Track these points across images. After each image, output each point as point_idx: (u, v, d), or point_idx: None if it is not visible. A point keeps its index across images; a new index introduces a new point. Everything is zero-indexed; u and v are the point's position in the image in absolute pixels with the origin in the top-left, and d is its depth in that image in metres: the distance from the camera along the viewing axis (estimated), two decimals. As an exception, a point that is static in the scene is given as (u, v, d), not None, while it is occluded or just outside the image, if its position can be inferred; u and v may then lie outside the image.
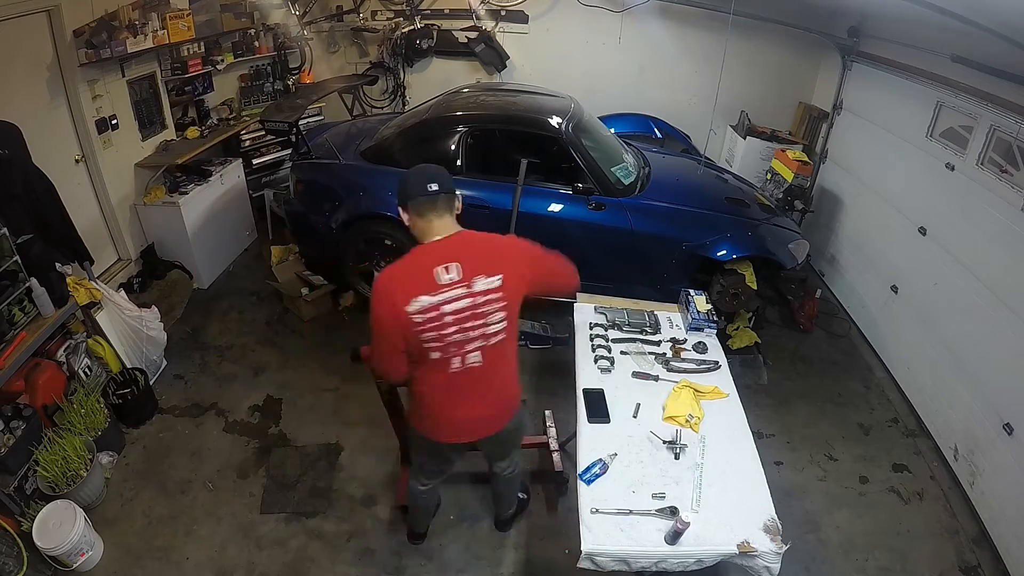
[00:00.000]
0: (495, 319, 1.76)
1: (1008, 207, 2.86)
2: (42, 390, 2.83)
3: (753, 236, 3.70)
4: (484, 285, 1.71)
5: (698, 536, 1.76)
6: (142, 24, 3.71)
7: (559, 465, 2.88)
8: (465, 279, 1.70)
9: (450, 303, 1.69)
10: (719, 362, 2.47)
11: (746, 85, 5.12)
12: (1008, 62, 2.78)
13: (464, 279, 1.70)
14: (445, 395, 1.89)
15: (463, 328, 1.74)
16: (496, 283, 1.72)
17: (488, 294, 1.72)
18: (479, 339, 1.78)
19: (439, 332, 1.72)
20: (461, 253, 1.73)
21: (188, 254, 4.26)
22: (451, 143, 3.69)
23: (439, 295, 1.68)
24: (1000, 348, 2.86)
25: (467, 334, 1.75)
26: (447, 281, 1.69)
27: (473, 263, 1.71)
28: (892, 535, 2.80)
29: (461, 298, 1.70)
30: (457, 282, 1.69)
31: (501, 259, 1.77)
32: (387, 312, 1.70)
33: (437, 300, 1.68)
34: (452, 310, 1.70)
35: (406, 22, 5.44)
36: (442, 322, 1.70)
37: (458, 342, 1.76)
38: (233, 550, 2.62)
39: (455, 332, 1.73)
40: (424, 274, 1.69)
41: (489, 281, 1.72)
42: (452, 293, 1.69)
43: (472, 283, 1.70)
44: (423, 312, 1.68)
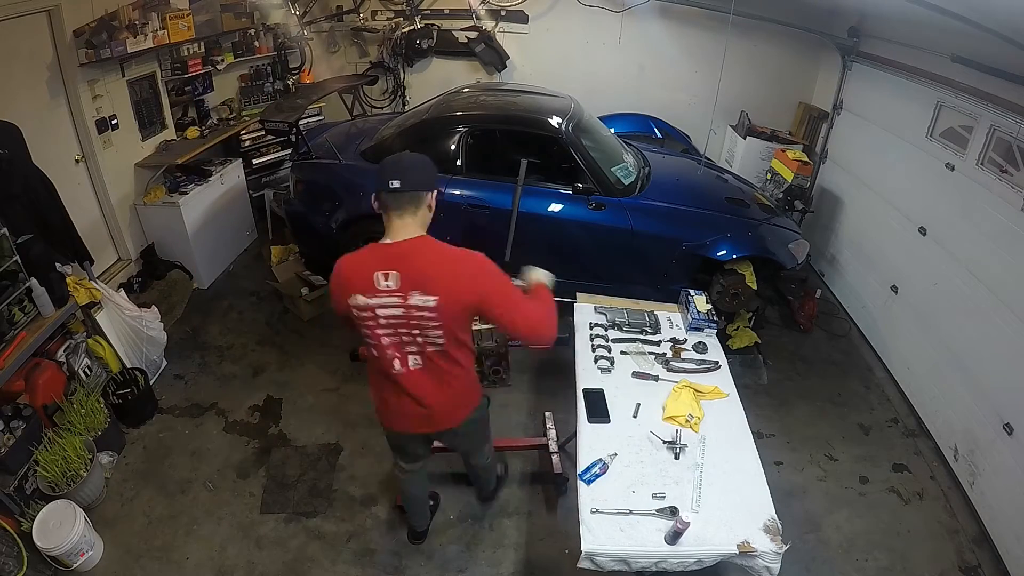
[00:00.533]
0: (431, 334, 1.75)
1: (1008, 207, 2.86)
2: (42, 390, 2.83)
3: (753, 236, 3.70)
4: (419, 301, 1.68)
5: (698, 536, 1.76)
6: (142, 24, 3.71)
7: (558, 467, 2.88)
8: (401, 290, 1.68)
9: (384, 308, 1.71)
10: (719, 362, 2.47)
11: (746, 85, 5.12)
12: (1008, 62, 2.78)
13: (400, 290, 1.68)
14: (390, 388, 1.91)
15: (398, 333, 1.75)
16: (431, 303, 1.68)
17: (422, 311, 1.69)
18: (416, 346, 1.78)
19: (373, 331, 1.76)
20: (405, 263, 1.68)
21: (188, 254, 4.26)
22: (451, 143, 3.69)
23: (374, 299, 1.70)
24: (1000, 348, 2.86)
25: (402, 339, 1.76)
26: (384, 288, 1.68)
27: (413, 276, 1.67)
28: (892, 535, 2.80)
29: (395, 307, 1.70)
30: (393, 291, 1.68)
31: (443, 280, 1.68)
32: (334, 293, 1.79)
33: (372, 303, 1.70)
34: (385, 315, 1.71)
35: (406, 22, 5.44)
36: (376, 323, 1.73)
37: (394, 344, 1.78)
38: (233, 550, 2.62)
39: (390, 335, 1.76)
40: (366, 275, 1.70)
41: (424, 299, 1.68)
42: (387, 300, 1.69)
43: (407, 296, 1.68)
44: (359, 309, 1.72)
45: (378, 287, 1.68)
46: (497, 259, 3.77)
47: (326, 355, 3.75)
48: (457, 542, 2.68)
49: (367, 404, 3.22)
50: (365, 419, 3.23)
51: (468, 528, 2.74)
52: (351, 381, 3.51)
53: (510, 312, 1.75)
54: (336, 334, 3.95)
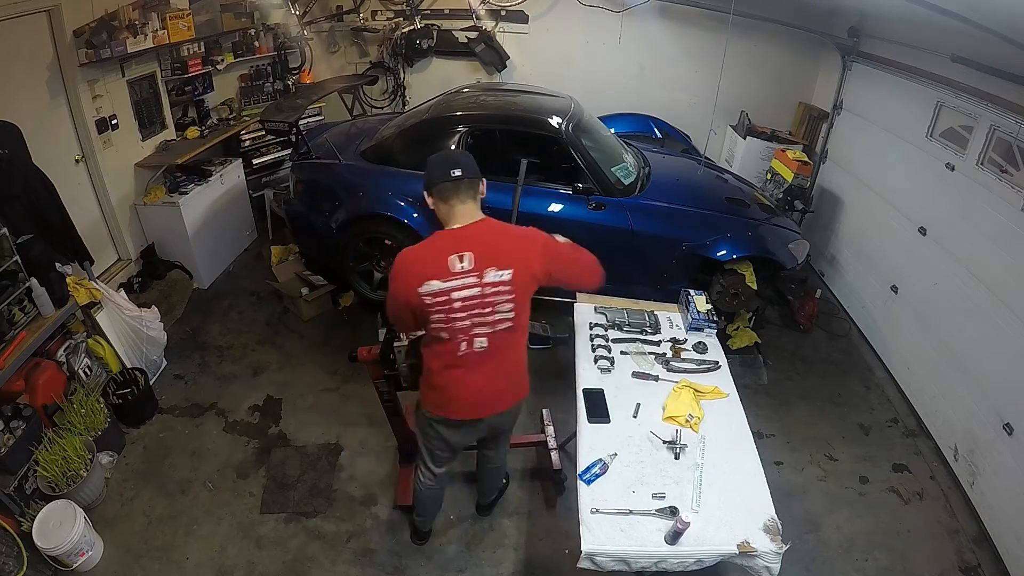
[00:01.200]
0: (503, 309, 1.82)
1: (1008, 207, 2.86)
2: (42, 390, 2.83)
3: (753, 236, 3.70)
4: (494, 277, 1.76)
5: (698, 536, 1.76)
6: (142, 24, 3.71)
7: (557, 464, 2.88)
8: (477, 269, 1.75)
9: (460, 291, 1.76)
10: (719, 362, 2.47)
11: (746, 85, 5.12)
12: (1008, 62, 2.78)
13: (476, 269, 1.75)
14: (453, 372, 1.94)
15: (471, 315, 1.80)
16: (506, 276, 1.77)
17: (498, 286, 1.77)
18: (485, 326, 1.83)
19: (447, 315, 1.79)
20: (477, 243, 1.77)
21: (188, 254, 4.26)
22: (451, 143, 3.68)
23: (450, 282, 1.75)
24: (1000, 348, 2.86)
25: (473, 320, 1.81)
26: (459, 270, 1.75)
27: (487, 254, 1.76)
28: (892, 535, 2.80)
29: (471, 287, 1.76)
30: (469, 271, 1.75)
31: (515, 253, 1.81)
32: (400, 289, 1.80)
33: (448, 286, 1.75)
34: (461, 297, 1.76)
35: (406, 22, 5.44)
36: (451, 307, 1.77)
37: (465, 328, 1.82)
38: (233, 550, 2.62)
39: (462, 318, 1.80)
40: (439, 260, 1.76)
41: (500, 274, 1.76)
42: (463, 281, 1.75)
43: (483, 274, 1.76)
44: (433, 295, 1.75)
45: (453, 269, 1.75)
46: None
47: (326, 355, 3.75)
48: (457, 542, 2.68)
49: (367, 404, 3.24)
50: (365, 419, 3.24)
51: (468, 528, 2.73)
52: (351, 381, 3.51)
53: (576, 268, 2.00)
54: (336, 334, 3.95)
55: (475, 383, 1.96)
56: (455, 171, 1.78)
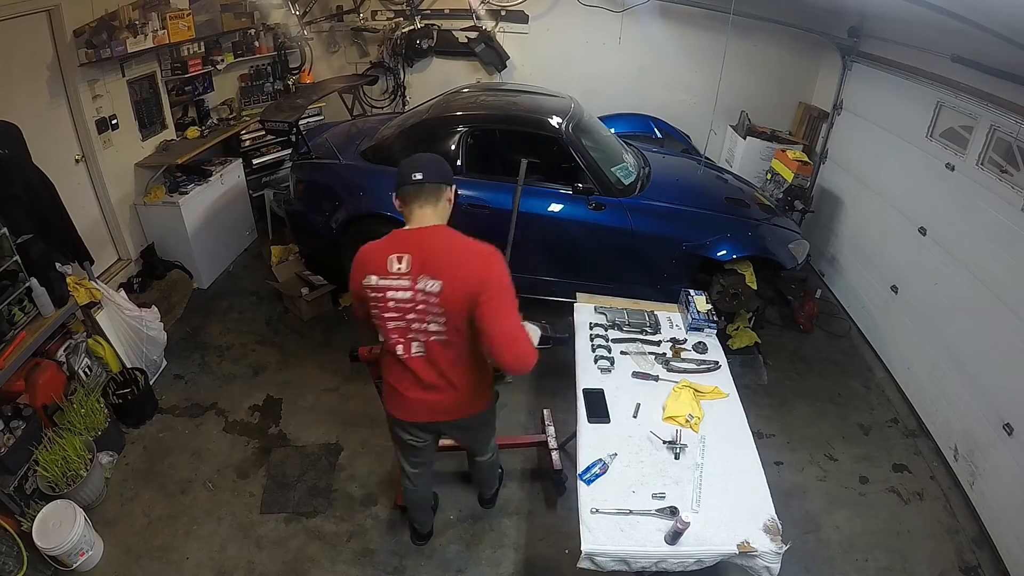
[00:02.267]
0: (433, 321, 1.78)
1: (1008, 207, 2.86)
2: (42, 390, 2.83)
3: (753, 236, 3.70)
4: (424, 285, 1.73)
5: (698, 536, 1.76)
6: (142, 24, 3.71)
7: (558, 464, 2.88)
8: (411, 273, 1.74)
9: (394, 291, 1.76)
10: (719, 362, 2.47)
11: (746, 85, 5.12)
12: (1008, 62, 2.78)
13: (410, 272, 1.74)
14: (398, 373, 1.94)
15: (404, 318, 1.79)
16: (435, 288, 1.71)
17: (428, 296, 1.73)
18: (420, 333, 1.81)
19: (381, 313, 1.80)
20: (418, 248, 1.75)
21: (188, 254, 4.26)
22: (451, 143, 3.68)
23: (385, 280, 1.76)
24: (1000, 348, 2.86)
25: (409, 325, 1.80)
26: (395, 270, 1.75)
27: (423, 261, 1.73)
28: (892, 535, 2.80)
29: (404, 289, 1.75)
30: (404, 274, 1.74)
31: (450, 268, 1.71)
32: (351, 277, 1.85)
33: (383, 284, 1.76)
34: (394, 299, 1.77)
35: (406, 22, 5.44)
36: (385, 305, 1.79)
37: (399, 329, 1.81)
38: (233, 550, 2.62)
39: (396, 318, 1.80)
40: (381, 257, 1.77)
41: (430, 284, 1.72)
42: (397, 282, 1.75)
43: (416, 280, 1.73)
44: (372, 289, 1.78)
45: (390, 269, 1.75)
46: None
47: (326, 355, 3.75)
48: (457, 542, 2.68)
49: (367, 404, 3.25)
50: (365, 419, 3.24)
51: (468, 528, 2.74)
52: (351, 381, 3.51)
53: (499, 317, 1.70)
54: (336, 334, 3.95)
55: (414, 386, 1.93)
56: (416, 175, 1.75)
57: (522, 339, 1.73)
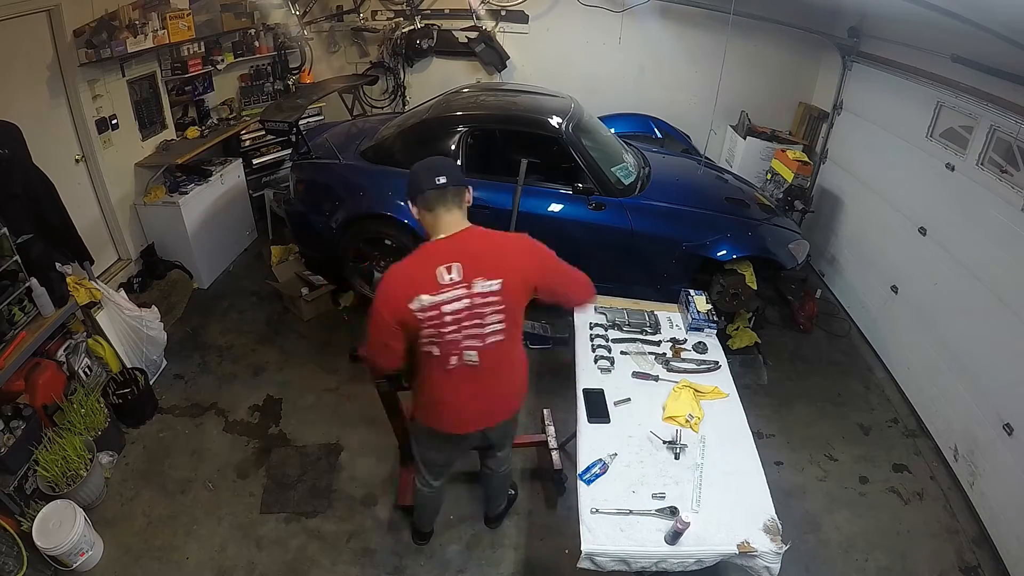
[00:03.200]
0: (492, 320, 1.76)
1: (1008, 207, 2.86)
2: (42, 390, 2.83)
3: (753, 236, 3.70)
4: (483, 287, 1.70)
5: (698, 536, 1.76)
6: (142, 24, 3.71)
7: (558, 464, 2.88)
8: (465, 280, 1.69)
9: (449, 303, 1.70)
10: (719, 362, 2.47)
11: (746, 85, 5.12)
12: (1008, 62, 2.78)
13: (464, 280, 1.69)
14: (444, 387, 1.90)
15: (461, 327, 1.74)
16: (495, 287, 1.71)
17: (486, 296, 1.71)
18: (476, 339, 1.78)
19: (438, 330, 1.73)
20: (464, 253, 1.71)
21: (188, 254, 4.26)
22: (451, 143, 3.69)
23: (439, 295, 1.68)
24: (1000, 348, 2.86)
25: (464, 332, 1.75)
26: (448, 282, 1.68)
27: (474, 264, 1.70)
28: (892, 535, 2.81)
29: (460, 299, 1.70)
30: (457, 283, 1.69)
31: (504, 263, 1.74)
32: (387, 307, 1.71)
33: (437, 300, 1.69)
34: (451, 310, 1.70)
35: (406, 22, 5.44)
36: (441, 321, 1.71)
37: (455, 341, 1.76)
38: (233, 550, 2.62)
39: (453, 331, 1.74)
40: (427, 273, 1.69)
41: (488, 284, 1.70)
42: (452, 294, 1.69)
43: (471, 284, 1.70)
44: (423, 311, 1.69)
45: (442, 282, 1.68)
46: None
47: (326, 355, 3.75)
48: (457, 542, 2.68)
49: (367, 404, 3.24)
50: (365, 419, 3.23)
51: (468, 528, 2.73)
52: (351, 381, 3.51)
53: (567, 279, 1.90)
54: (336, 334, 3.95)
55: (464, 397, 1.92)
56: (440, 178, 1.71)
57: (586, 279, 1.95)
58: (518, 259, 1.77)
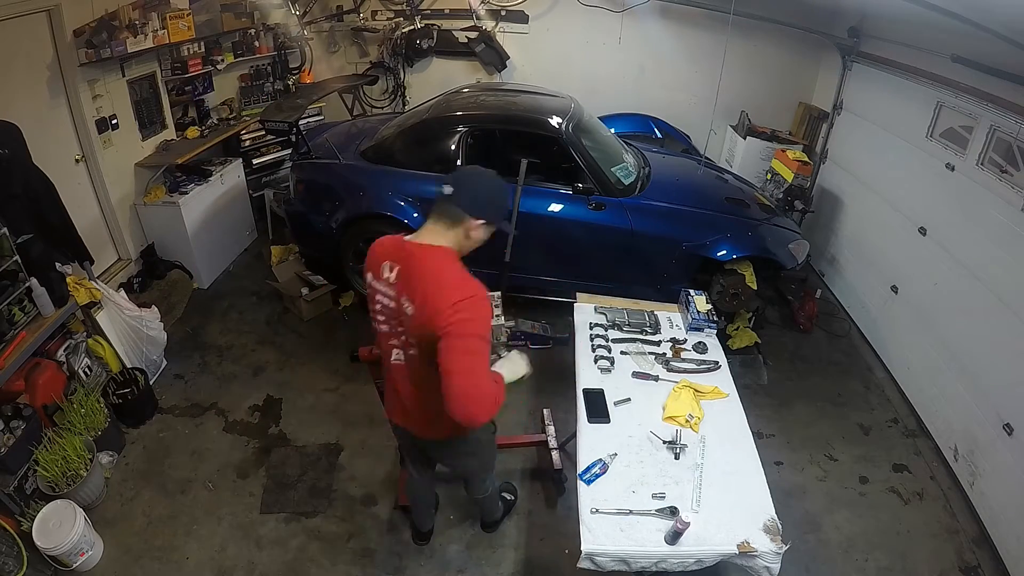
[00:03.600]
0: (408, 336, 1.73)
1: (1008, 207, 2.86)
2: (42, 390, 2.83)
3: (753, 236, 3.70)
4: (404, 303, 1.68)
5: (698, 536, 1.76)
6: (142, 24, 3.71)
7: (558, 463, 2.88)
8: (397, 286, 1.70)
9: (382, 296, 1.77)
10: (719, 362, 2.47)
11: (746, 85, 5.12)
12: (1008, 62, 2.78)
13: (396, 285, 1.71)
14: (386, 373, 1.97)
15: (389, 323, 1.80)
16: (409, 310, 1.66)
17: (403, 314, 1.70)
18: (398, 344, 1.81)
19: (375, 315, 1.83)
20: (406, 264, 1.68)
21: (188, 254, 4.26)
22: (451, 143, 3.69)
23: (378, 284, 1.78)
24: (1000, 348, 2.86)
25: (391, 330, 1.80)
26: (385, 277, 1.74)
27: (407, 279, 1.67)
28: (892, 535, 2.81)
29: (390, 299, 1.75)
30: (392, 283, 1.73)
31: (424, 297, 1.61)
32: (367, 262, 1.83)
33: (376, 287, 1.78)
34: (382, 303, 1.78)
35: (406, 22, 5.44)
36: (375, 306, 1.81)
37: (385, 333, 1.83)
38: (233, 550, 2.62)
39: (382, 322, 1.82)
40: (379, 261, 1.77)
41: (407, 304, 1.67)
42: (386, 290, 1.75)
43: (400, 295, 1.69)
44: (369, 287, 1.81)
45: (382, 275, 1.75)
46: (497, 259, 3.80)
47: (326, 355, 3.75)
48: (457, 542, 2.68)
49: (367, 404, 3.25)
50: (365, 419, 3.24)
51: (468, 528, 2.73)
52: (351, 381, 3.51)
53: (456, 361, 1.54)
54: (336, 334, 3.95)
55: (393, 390, 1.96)
56: (447, 188, 1.67)
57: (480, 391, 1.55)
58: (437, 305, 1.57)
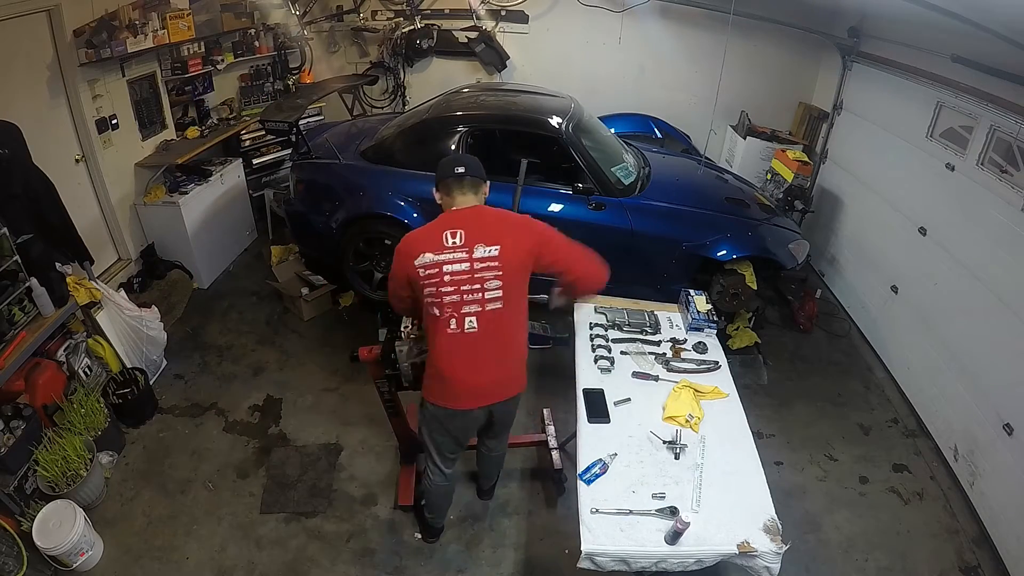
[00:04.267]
0: (491, 286, 1.91)
1: (1008, 207, 2.86)
2: (42, 390, 2.83)
3: (753, 236, 3.70)
4: (482, 252, 1.89)
5: (698, 536, 1.76)
6: (142, 24, 3.71)
7: (558, 463, 2.88)
8: (467, 244, 1.90)
9: (450, 264, 1.90)
10: (719, 362, 2.47)
11: (746, 85, 5.12)
12: (1008, 62, 2.78)
13: (466, 244, 1.90)
14: (449, 358, 2.00)
15: (459, 290, 1.91)
16: (494, 252, 1.89)
17: (485, 261, 1.89)
18: (475, 304, 1.92)
19: (437, 288, 1.91)
20: (469, 222, 1.93)
21: (188, 254, 4.26)
22: (451, 143, 3.68)
23: (442, 255, 1.90)
24: (1000, 348, 2.86)
25: (463, 296, 1.91)
26: (450, 244, 1.90)
27: (477, 232, 1.92)
28: (892, 535, 2.81)
29: (461, 261, 1.90)
30: (459, 247, 1.90)
31: (504, 232, 1.94)
32: (400, 262, 1.97)
33: (440, 259, 1.90)
34: (451, 271, 1.90)
35: (406, 22, 5.44)
36: (441, 279, 1.90)
37: (455, 303, 1.92)
38: (233, 550, 2.62)
39: (451, 292, 1.91)
40: (434, 236, 1.93)
41: (488, 249, 1.89)
42: (453, 255, 1.90)
43: (472, 249, 1.90)
44: (425, 267, 1.91)
45: (446, 244, 1.90)
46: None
47: (326, 355, 3.75)
48: (457, 542, 2.68)
49: (367, 404, 3.24)
50: (365, 419, 3.24)
51: (468, 528, 2.74)
52: (351, 381, 3.51)
53: (568, 253, 2.03)
54: (336, 334, 3.95)
55: (469, 369, 2.00)
56: (459, 168, 1.98)
57: (594, 257, 2.09)
58: (517, 230, 1.97)
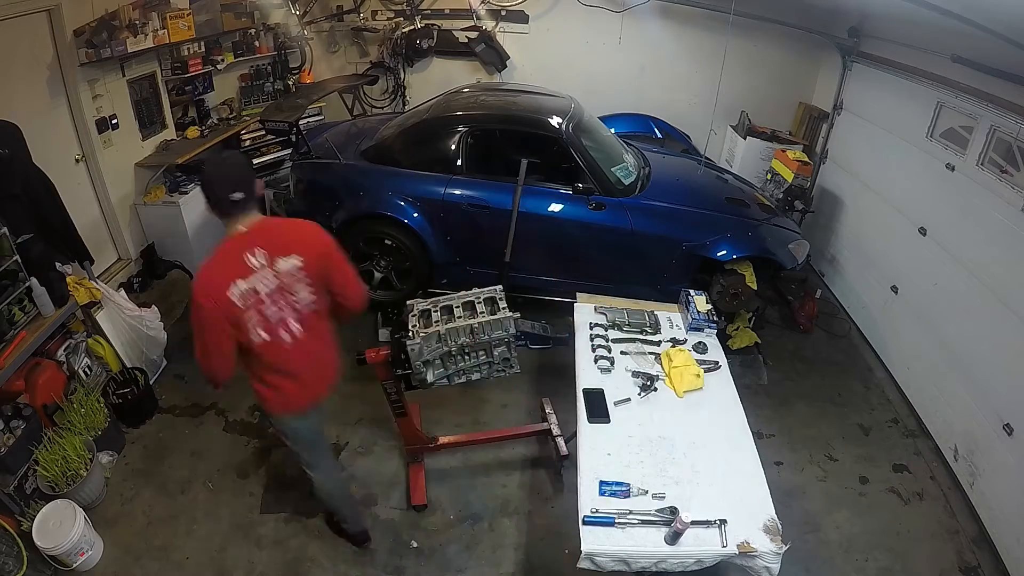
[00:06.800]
0: (303, 292, 1.95)
1: (1008, 207, 2.86)
2: (42, 390, 2.83)
3: (753, 236, 3.70)
4: (285, 265, 1.89)
5: (698, 536, 1.76)
6: (142, 24, 3.71)
7: (564, 450, 2.90)
8: (269, 262, 1.88)
9: (262, 283, 1.87)
10: (719, 362, 2.47)
11: (746, 85, 5.12)
12: (1008, 62, 2.78)
13: (268, 263, 1.88)
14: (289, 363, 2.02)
15: (277, 304, 1.92)
16: (297, 263, 1.91)
17: (292, 272, 1.91)
18: (294, 312, 1.95)
19: (259, 310, 1.88)
20: (263, 240, 1.89)
21: (188, 254, 4.25)
22: (451, 143, 3.69)
23: (251, 278, 1.85)
24: (1000, 348, 2.86)
25: (281, 309, 1.93)
26: (256, 265, 1.86)
27: (274, 248, 1.89)
28: (892, 535, 2.81)
29: (270, 278, 1.88)
30: (264, 265, 1.87)
31: (298, 242, 1.94)
32: (211, 301, 1.81)
33: (252, 282, 1.85)
34: (265, 290, 1.88)
35: (406, 22, 5.44)
36: (259, 300, 1.88)
37: (277, 321, 1.93)
38: (233, 550, 2.62)
39: (272, 308, 1.91)
40: (235, 263, 1.85)
41: (291, 261, 1.90)
42: (262, 275, 1.87)
43: (275, 264, 1.88)
44: (243, 296, 1.84)
45: (251, 266, 1.85)
46: (497, 259, 3.79)
47: (326, 355, 3.74)
48: (457, 542, 2.68)
49: (367, 404, 3.25)
50: (365, 419, 3.24)
51: (468, 528, 2.74)
52: (351, 381, 3.46)
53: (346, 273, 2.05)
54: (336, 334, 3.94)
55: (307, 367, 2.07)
56: (236, 195, 1.82)
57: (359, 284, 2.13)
58: (309, 237, 1.98)
